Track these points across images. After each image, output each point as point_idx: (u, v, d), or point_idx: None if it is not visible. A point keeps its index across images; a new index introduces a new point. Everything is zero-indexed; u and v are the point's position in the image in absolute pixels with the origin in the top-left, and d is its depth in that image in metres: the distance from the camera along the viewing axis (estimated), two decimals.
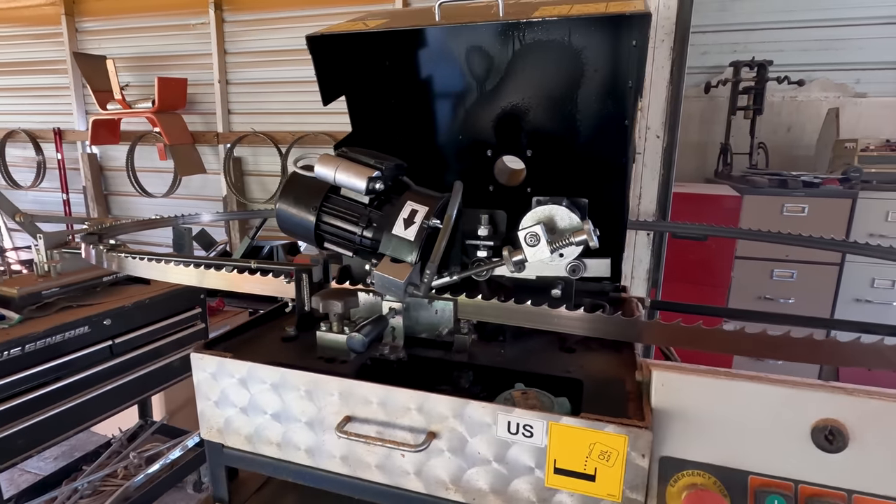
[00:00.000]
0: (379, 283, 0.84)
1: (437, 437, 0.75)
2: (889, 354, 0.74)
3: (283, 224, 0.96)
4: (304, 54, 4.80)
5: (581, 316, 0.77)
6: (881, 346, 0.73)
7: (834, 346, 0.70)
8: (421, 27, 1.11)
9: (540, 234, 0.86)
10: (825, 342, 0.75)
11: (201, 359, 0.87)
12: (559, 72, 1.37)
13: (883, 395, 0.63)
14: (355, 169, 0.88)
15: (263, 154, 5.07)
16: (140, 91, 5.10)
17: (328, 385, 0.80)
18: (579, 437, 0.68)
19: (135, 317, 2.27)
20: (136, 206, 5.64)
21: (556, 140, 1.47)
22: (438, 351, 0.95)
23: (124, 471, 2.67)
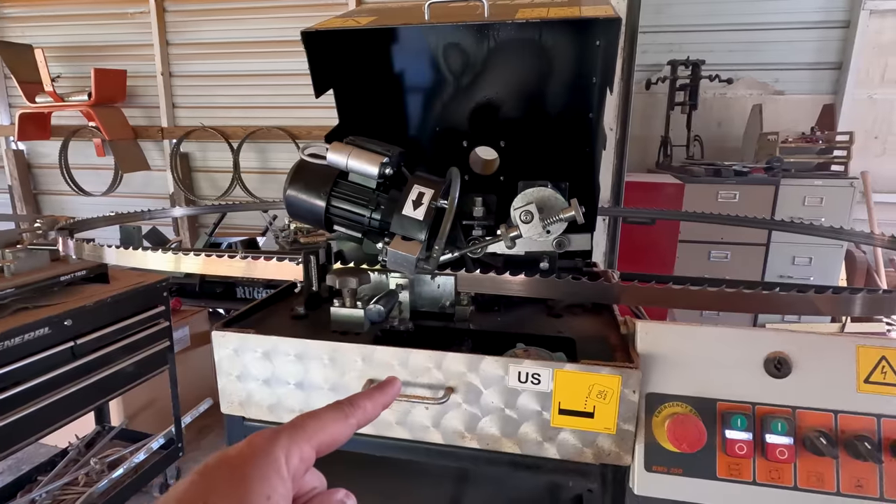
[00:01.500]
0: (392, 258, 0.92)
1: (454, 391, 0.85)
2: (817, 303, 0.91)
3: (292, 209, 1.02)
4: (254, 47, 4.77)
5: (572, 283, 0.89)
6: (811, 296, 0.90)
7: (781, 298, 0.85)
8: (412, 25, 1.19)
9: (533, 212, 0.97)
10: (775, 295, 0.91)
11: (223, 336, 0.92)
12: (531, 68, 1.50)
13: (817, 332, 0.79)
14: (366, 156, 0.95)
15: (213, 149, 4.93)
16: (73, 83, 4.81)
17: (351, 352, 0.88)
18: (580, 381, 0.80)
19: (97, 316, 2.20)
20: (71, 206, 5.31)
21: (527, 131, 1.59)
22: (441, 321, 1.04)
23: (86, 478, 2.57)
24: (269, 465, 0.35)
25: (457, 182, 0.98)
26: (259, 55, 4.60)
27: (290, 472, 0.36)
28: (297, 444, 0.37)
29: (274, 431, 0.38)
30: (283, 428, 0.38)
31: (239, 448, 0.36)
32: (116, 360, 2.30)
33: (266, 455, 0.36)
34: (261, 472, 0.35)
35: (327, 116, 4.55)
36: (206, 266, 1.09)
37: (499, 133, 1.61)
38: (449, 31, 1.30)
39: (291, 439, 0.37)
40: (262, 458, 0.35)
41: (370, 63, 1.42)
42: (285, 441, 0.37)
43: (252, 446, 0.36)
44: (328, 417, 0.41)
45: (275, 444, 0.37)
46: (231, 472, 0.34)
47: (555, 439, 0.83)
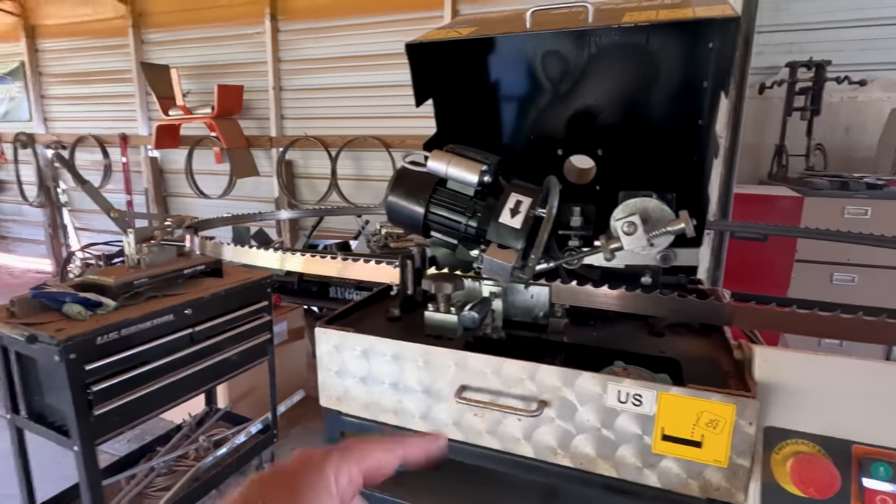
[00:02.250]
0: (487, 266, 0.92)
1: (547, 405, 0.83)
2: None
3: (392, 215, 1.06)
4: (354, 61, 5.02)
5: (682, 301, 0.83)
6: None
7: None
8: (514, 34, 1.19)
9: (637, 224, 0.93)
10: None
11: (325, 332, 0.98)
12: (635, 73, 1.44)
13: None
14: (465, 164, 0.97)
15: (313, 157, 5.28)
16: (200, 98, 5.39)
17: (445, 356, 0.89)
18: (688, 406, 0.74)
19: (212, 307, 2.43)
20: (192, 207, 5.94)
21: (627, 139, 1.53)
22: (534, 332, 1.02)
23: (195, 453, 2.84)
24: (320, 482, 0.37)
25: (555, 191, 0.96)
26: (358, 68, 4.87)
27: (338, 491, 0.37)
28: (347, 465, 0.39)
29: (326, 450, 0.39)
30: (334, 448, 0.40)
31: (292, 462, 0.38)
32: (226, 349, 2.52)
33: (318, 471, 0.37)
34: (312, 486, 0.36)
35: (420, 126, 4.69)
36: (310, 265, 1.17)
37: (596, 141, 1.56)
38: (551, 39, 1.29)
39: (342, 459, 0.39)
40: (313, 474, 0.37)
41: (469, 73, 1.44)
42: (336, 461, 0.38)
43: (305, 462, 0.38)
44: (377, 446, 0.42)
45: (326, 462, 0.38)
46: (284, 483, 0.36)
47: (656, 466, 0.78)
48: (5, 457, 2.20)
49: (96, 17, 5.88)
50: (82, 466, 1.98)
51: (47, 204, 6.58)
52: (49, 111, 6.53)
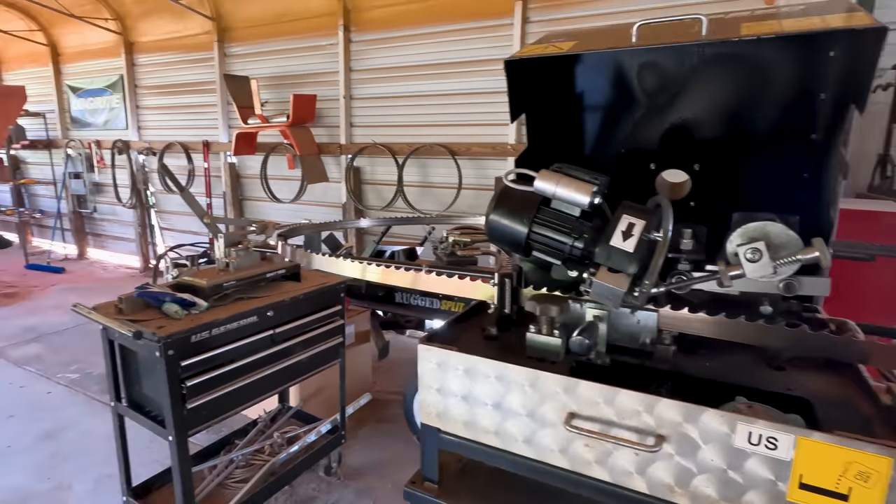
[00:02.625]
0: (597, 290, 0.89)
1: (665, 440, 0.79)
2: None
3: (492, 233, 1.05)
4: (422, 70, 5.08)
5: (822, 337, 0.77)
6: None
7: None
8: (620, 49, 1.16)
9: (763, 251, 0.87)
10: None
11: (428, 350, 0.98)
12: (741, 86, 1.36)
13: None
14: (576, 185, 0.95)
15: (380, 164, 5.40)
16: (276, 107, 5.66)
17: (553, 382, 0.87)
18: (833, 456, 0.68)
19: (291, 310, 2.53)
20: (266, 211, 6.24)
21: (729, 154, 1.45)
22: (638, 359, 0.98)
23: (269, 448, 2.96)
24: None
25: (669, 213, 0.92)
26: (426, 77, 4.94)
27: None
28: None
29: None
30: None
31: None
32: (302, 350, 2.62)
33: None
34: None
35: (486, 133, 4.69)
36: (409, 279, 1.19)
37: (693, 155, 1.49)
38: (657, 52, 1.24)
39: None
40: None
41: (564, 87, 1.42)
42: None
43: None
44: None
45: None
46: None
47: None
48: (107, 439, 2.39)
49: (186, 33, 6.33)
50: (176, 455, 2.11)
51: (138, 205, 7.14)
52: (142, 120, 7.09)
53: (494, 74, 4.51)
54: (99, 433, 3.34)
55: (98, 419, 3.54)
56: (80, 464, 3.08)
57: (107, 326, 2.14)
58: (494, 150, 4.67)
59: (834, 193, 1.13)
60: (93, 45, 7.13)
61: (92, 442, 3.27)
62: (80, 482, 2.94)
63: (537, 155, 1.40)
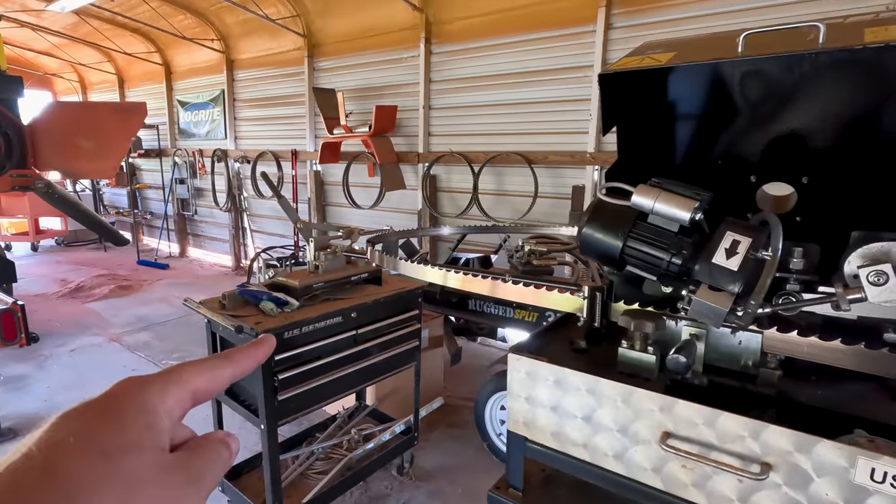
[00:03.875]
0: (697, 308, 0.87)
1: (772, 468, 0.76)
2: None
3: (586, 246, 1.06)
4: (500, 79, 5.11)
5: None
6: None
7: None
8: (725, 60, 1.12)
9: (889, 274, 0.81)
10: None
11: (518, 360, 1.01)
12: (857, 94, 1.26)
13: None
14: (676, 200, 0.93)
15: (456, 172, 5.50)
16: (359, 117, 5.94)
17: (648, 400, 0.86)
18: None
19: (373, 312, 2.65)
20: (346, 216, 6.55)
21: (843, 166, 1.34)
22: (738, 381, 0.94)
23: (347, 443, 3.10)
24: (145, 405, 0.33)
25: (778, 231, 0.88)
26: (503, 86, 4.98)
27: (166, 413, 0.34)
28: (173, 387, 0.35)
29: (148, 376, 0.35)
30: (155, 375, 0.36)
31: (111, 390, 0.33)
32: (382, 351, 2.73)
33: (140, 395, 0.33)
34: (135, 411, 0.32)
35: (562, 142, 4.64)
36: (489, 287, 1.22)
37: (801, 167, 1.40)
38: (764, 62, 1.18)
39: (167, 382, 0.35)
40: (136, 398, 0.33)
41: (658, 98, 1.39)
42: (160, 384, 0.35)
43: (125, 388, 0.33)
44: (203, 365, 0.38)
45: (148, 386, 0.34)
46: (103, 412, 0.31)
47: None
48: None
49: (279, 49, 6.82)
50: (266, 443, 2.27)
51: (232, 209, 7.76)
52: (239, 130, 7.72)
53: (574, 82, 4.45)
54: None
55: None
56: None
57: (211, 320, 2.36)
58: (573, 159, 4.60)
59: None
60: (200, 63, 7.87)
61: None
62: None
63: (628, 167, 1.38)
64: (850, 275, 0.86)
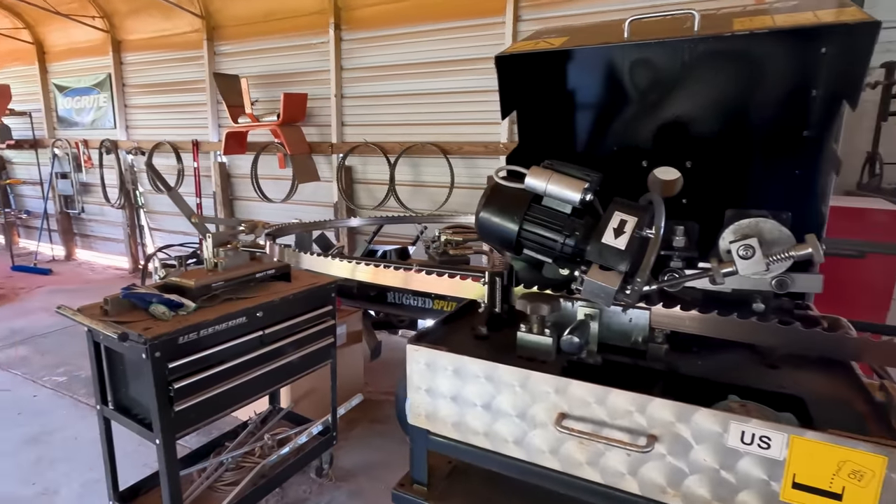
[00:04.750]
0: (588, 288, 0.88)
1: (657, 440, 0.78)
2: None
3: (483, 231, 1.03)
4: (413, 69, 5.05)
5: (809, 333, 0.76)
6: None
7: None
8: (611, 44, 1.14)
9: (756, 248, 0.86)
10: None
11: (416, 350, 0.96)
12: (732, 82, 1.35)
13: None
14: (567, 181, 0.93)
15: (372, 163, 5.37)
16: (266, 106, 5.61)
17: (544, 382, 0.85)
18: (827, 454, 0.67)
19: (281, 311, 2.49)
20: (257, 210, 6.19)
21: (721, 151, 1.44)
22: (631, 358, 0.97)
23: (260, 450, 2.92)
24: None
25: (661, 210, 0.91)
26: (417, 76, 4.92)
27: None
28: None
29: None
30: None
31: None
32: (293, 351, 2.58)
33: None
34: None
35: (478, 133, 4.68)
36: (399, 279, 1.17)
37: (685, 152, 1.48)
38: (648, 48, 1.23)
39: None
40: None
41: (556, 83, 1.40)
42: None
43: None
44: None
45: None
46: None
47: None
48: (94, 443, 2.35)
49: (174, 31, 6.25)
50: (163, 459, 2.07)
51: (126, 206, 7.05)
52: (131, 119, 7.01)
53: (486, 73, 4.49)
54: (86, 437, 3.29)
55: (85, 423, 3.48)
56: (66, 468, 3.03)
57: (92, 328, 2.10)
58: (486, 149, 4.65)
59: (825, 190, 1.13)
60: (80, 44, 7.03)
61: (79, 446, 3.22)
62: (67, 487, 2.89)
63: (529, 153, 1.38)
64: (724, 250, 0.91)
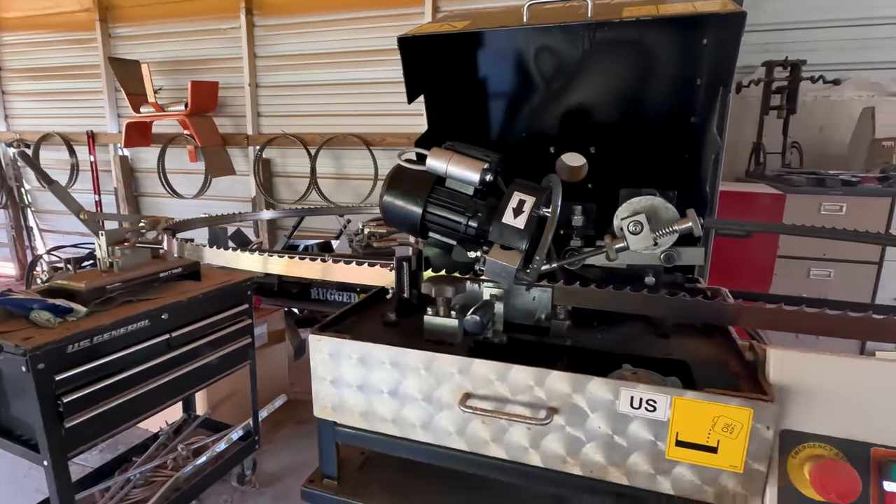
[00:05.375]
0: (490, 268, 0.88)
1: (557, 412, 0.80)
2: None
3: (388, 215, 1.01)
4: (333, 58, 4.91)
5: (689, 302, 0.81)
6: None
7: None
8: (509, 28, 1.15)
9: (643, 223, 0.90)
10: None
11: (319, 340, 0.92)
12: (628, 70, 1.42)
13: None
14: (467, 162, 0.93)
15: (292, 155, 5.17)
16: (172, 94, 5.22)
17: (448, 363, 0.85)
18: (703, 411, 0.72)
19: (190, 312, 2.33)
20: (166, 207, 5.75)
21: (620, 137, 1.51)
22: (535, 335, 0.99)
23: (173, 462, 2.73)
24: None
25: (558, 190, 0.94)
26: (337, 65, 4.78)
27: None
28: None
29: None
30: None
31: None
32: (205, 354, 2.42)
33: None
34: None
35: (401, 124, 4.63)
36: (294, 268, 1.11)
37: (589, 138, 1.54)
38: (547, 34, 1.26)
39: None
40: None
41: (462, 68, 1.40)
42: None
43: None
44: None
45: None
46: None
47: (669, 473, 0.76)
48: None
49: (59, 9, 5.63)
50: (53, 482, 1.87)
51: (10, 205, 6.29)
52: (11, 108, 6.24)
53: None
54: None
55: None
56: None
57: None
58: (410, 141, 4.62)
59: (708, 171, 1.22)
60: None
61: None
62: None
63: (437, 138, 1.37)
64: (618, 227, 0.95)
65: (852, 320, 0.80)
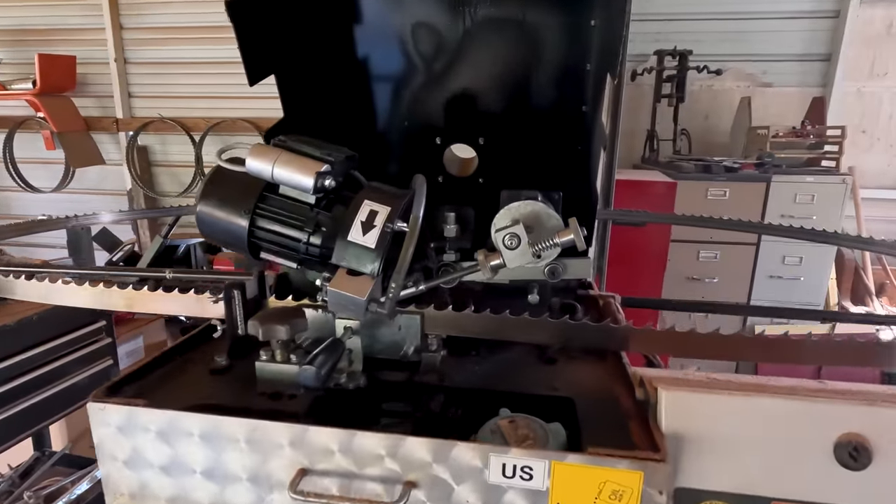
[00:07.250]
0: (334, 300, 0.69)
1: (415, 486, 0.63)
2: None
3: (206, 230, 0.77)
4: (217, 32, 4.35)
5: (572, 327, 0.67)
6: None
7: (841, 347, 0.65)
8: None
9: (521, 236, 0.75)
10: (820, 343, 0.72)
11: (102, 409, 0.68)
12: (514, 53, 1.28)
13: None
14: (298, 162, 0.71)
15: (174, 143, 4.60)
16: (17, 70, 4.41)
17: (276, 432, 0.65)
18: (587, 477, 0.59)
19: (22, 337, 1.92)
20: (19, 203, 4.92)
21: (509, 127, 1.37)
22: (403, 373, 0.82)
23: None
24: None
25: (421, 196, 0.76)
26: (222, 41, 4.26)
27: None
28: None
29: None
30: None
31: None
32: (50, 383, 2.03)
33: None
34: None
35: None
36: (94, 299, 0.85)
37: (477, 128, 1.39)
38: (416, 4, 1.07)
39: None
40: None
41: (316, 41, 1.17)
42: None
43: None
44: None
45: None
46: None
47: None
48: None
49: None
50: None
51: None
52: None
53: None
54: None
55: None
56: None
57: None
58: None
59: (598, 165, 1.11)
60: None
61: None
62: None
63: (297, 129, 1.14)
64: (495, 240, 0.79)
65: (746, 341, 0.71)
